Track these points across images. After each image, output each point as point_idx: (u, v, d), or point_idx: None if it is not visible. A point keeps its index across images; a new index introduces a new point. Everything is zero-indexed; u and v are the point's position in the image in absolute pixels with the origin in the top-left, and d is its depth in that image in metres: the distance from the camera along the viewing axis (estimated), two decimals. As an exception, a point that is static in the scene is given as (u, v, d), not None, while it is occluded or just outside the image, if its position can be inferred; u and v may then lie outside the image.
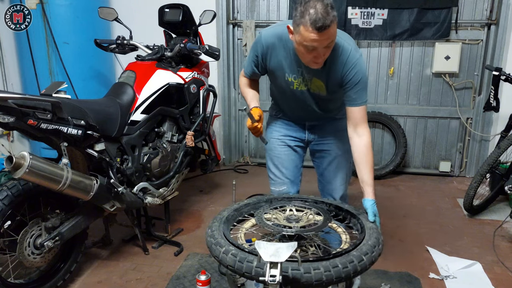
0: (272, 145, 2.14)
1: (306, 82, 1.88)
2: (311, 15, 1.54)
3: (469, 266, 2.47)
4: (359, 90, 1.81)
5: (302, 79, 1.88)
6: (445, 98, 4.07)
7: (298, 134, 2.14)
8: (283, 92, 1.99)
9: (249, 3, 4.22)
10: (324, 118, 2.08)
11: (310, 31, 1.56)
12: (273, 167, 2.16)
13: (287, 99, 2.03)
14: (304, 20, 1.55)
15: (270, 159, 2.17)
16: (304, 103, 1.99)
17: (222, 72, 4.27)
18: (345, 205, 1.80)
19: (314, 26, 1.54)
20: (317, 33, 1.56)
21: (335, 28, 1.60)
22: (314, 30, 1.55)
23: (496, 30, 3.78)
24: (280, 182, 2.14)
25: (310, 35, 1.57)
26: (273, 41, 1.83)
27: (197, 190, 3.75)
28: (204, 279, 2.04)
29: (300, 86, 1.91)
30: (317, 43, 1.60)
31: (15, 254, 1.98)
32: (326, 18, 1.53)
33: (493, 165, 3.00)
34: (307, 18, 1.55)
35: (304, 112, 2.05)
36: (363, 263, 1.33)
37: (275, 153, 2.14)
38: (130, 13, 3.48)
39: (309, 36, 1.58)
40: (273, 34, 1.83)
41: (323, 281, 1.25)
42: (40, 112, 1.82)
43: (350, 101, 1.83)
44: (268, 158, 2.18)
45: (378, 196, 3.81)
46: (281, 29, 1.80)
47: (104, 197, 2.19)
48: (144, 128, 2.52)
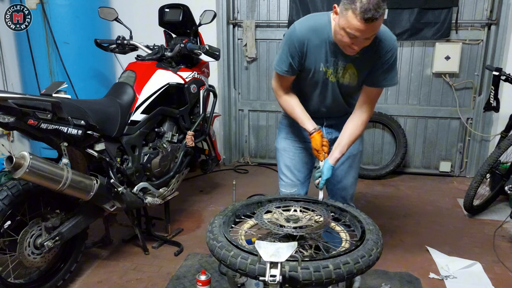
0: (288, 146, 2.11)
1: (338, 72, 1.85)
2: (363, 4, 1.51)
3: (469, 266, 2.47)
4: (389, 71, 1.82)
5: (334, 69, 1.84)
6: (445, 98, 4.07)
7: None
8: (312, 85, 1.93)
9: (249, 3, 4.22)
10: (342, 116, 2.04)
11: (358, 19, 1.53)
12: (285, 169, 2.12)
13: (313, 93, 1.97)
14: (355, 6, 1.52)
15: (283, 161, 2.12)
16: (329, 98, 1.95)
17: (222, 72, 4.27)
18: (341, 204, 1.80)
19: (363, 16, 1.52)
20: (363, 23, 1.53)
21: (381, 21, 1.59)
22: (362, 20, 1.53)
23: (496, 30, 3.77)
24: (292, 184, 2.11)
25: (356, 23, 1.55)
26: (307, 34, 1.78)
27: (197, 190, 3.75)
28: (204, 279, 2.04)
29: (331, 77, 1.87)
30: (360, 33, 1.58)
31: (15, 254, 1.98)
32: (377, 10, 1.51)
33: (493, 165, 3.00)
34: (358, 5, 1.52)
35: (327, 107, 2.01)
36: (360, 264, 1.33)
37: (289, 155, 2.10)
38: (130, 13, 3.48)
39: (355, 25, 1.55)
40: (307, 27, 1.78)
41: (323, 281, 1.25)
42: (40, 112, 1.82)
43: (374, 82, 1.85)
44: (281, 160, 2.13)
45: (378, 196, 3.82)
46: (313, 22, 1.78)
47: (104, 197, 2.19)
48: (144, 128, 2.52)
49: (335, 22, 1.67)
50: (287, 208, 1.72)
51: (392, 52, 1.78)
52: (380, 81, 1.84)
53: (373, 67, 1.82)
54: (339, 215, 1.75)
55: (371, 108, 1.91)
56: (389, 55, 1.78)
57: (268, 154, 4.55)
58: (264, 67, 4.33)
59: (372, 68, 1.82)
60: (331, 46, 1.78)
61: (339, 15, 1.61)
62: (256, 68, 4.37)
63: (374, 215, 3.01)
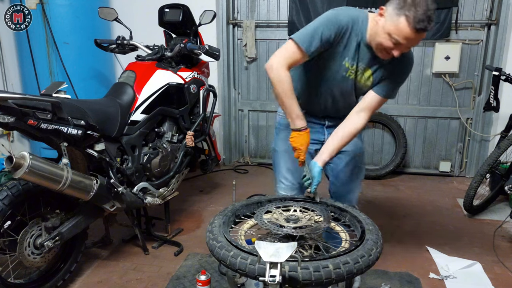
0: (289, 148, 1.87)
1: (358, 72, 1.82)
2: (419, 13, 1.49)
3: (469, 266, 2.48)
4: (396, 83, 1.83)
5: (356, 68, 1.80)
6: (445, 98, 4.07)
7: (317, 136, 2.03)
8: (328, 77, 1.84)
9: (249, 3, 4.22)
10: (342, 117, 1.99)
11: (410, 28, 1.52)
12: (286, 172, 2.03)
13: (325, 87, 1.88)
14: (409, 13, 1.50)
15: (284, 163, 2.03)
16: (339, 95, 1.90)
17: (222, 72, 4.27)
18: (341, 204, 1.79)
19: (415, 26, 1.51)
20: (415, 33, 1.53)
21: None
22: (413, 29, 1.52)
23: (496, 30, 3.77)
24: (292, 187, 2.03)
25: (407, 31, 1.53)
26: (347, 22, 1.70)
27: (197, 190, 3.75)
28: (204, 279, 2.04)
29: (351, 74, 1.82)
30: (407, 41, 1.57)
31: (15, 254, 1.98)
32: (429, 22, 1.51)
33: (493, 165, 3.00)
34: (413, 13, 1.50)
35: (334, 105, 1.95)
36: (359, 264, 1.33)
37: (292, 157, 1.87)
38: (130, 13, 3.48)
39: (405, 32, 1.54)
40: (349, 16, 1.71)
41: (322, 281, 1.25)
42: (40, 112, 1.82)
43: (379, 89, 1.82)
44: (282, 162, 2.03)
45: (378, 196, 3.81)
46: (356, 14, 1.72)
47: (104, 197, 2.19)
48: (144, 128, 2.52)
49: (378, 24, 1.64)
50: (287, 208, 1.72)
51: (410, 69, 1.83)
52: (388, 91, 1.83)
53: (388, 77, 1.81)
54: (339, 215, 1.75)
55: (368, 117, 1.86)
56: (406, 69, 1.82)
57: (268, 154, 4.55)
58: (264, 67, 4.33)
59: (386, 78, 1.82)
60: (361, 45, 1.74)
61: (387, 18, 1.59)
62: (256, 68, 4.37)
63: (374, 215, 3.00)
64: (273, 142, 2.15)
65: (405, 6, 1.52)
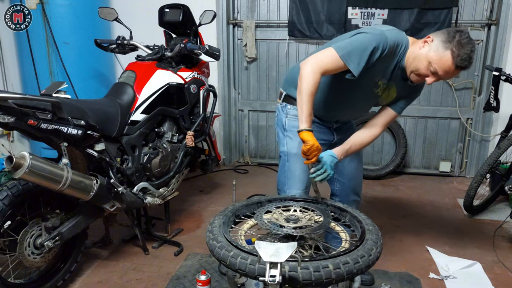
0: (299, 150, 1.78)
1: (385, 88, 1.90)
2: (465, 53, 1.63)
3: (469, 266, 2.47)
4: (410, 101, 1.98)
5: (384, 85, 1.89)
6: (445, 98, 4.07)
7: (326, 136, 2.06)
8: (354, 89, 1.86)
9: (249, 3, 4.22)
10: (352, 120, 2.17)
11: (452, 63, 1.64)
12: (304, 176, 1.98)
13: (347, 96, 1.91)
14: (456, 50, 1.63)
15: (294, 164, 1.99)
16: (360, 104, 2.02)
17: (222, 72, 4.27)
18: (341, 204, 1.80)
19: (457, 63, 1.64)
20: (454, 69, 1.66)
21: None
22: (454, 65, 1.65)
23: (496, 30, 3.77)
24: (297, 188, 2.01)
25: (449, 66, 1.65)
26: (393, 45, 1.75)
27: (197, 190, 3.75)
28: (204, 279, 2.04)
29: (378, 91, 1.91)
30: (444, 74, 1.68)
31: (15, 254, 1.98)
32: (470, 63, 1.67)
33: (493, 165, 3.00)
34: (459, 52, 1.63)
35: (348, 112, 2.06)
36: (359, 264, 1.33)
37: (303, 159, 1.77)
38: (130, 13, 3.48)
39: (446, 67, 1.66)
40: (394, 39, 1.75)
41: (322, 281, 1.25)
42: (40, 112, 1.82)
43: (397, 107, 1.96)
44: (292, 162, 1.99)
45: (378, 196, 3.81)
46: (401, 37, 1.79)
47: (104, 197, 2.19)
48: (144, 128, 2.52)
49: (420, 50, 1.72)
50: (287, 208, 1.72)
51: (422, 89, 1.99)
52: (402, 107, 1.97)
53: (406, 95, 1.93)
54: (339, 215, 1.75)
55: (383, 128, 1.99)
56: (420, 90, 1.98)
57: (268, 154, 4.55)
58: (264, 67, 4.34)
59: (404, 97, 1.94)
60: (396, 67, 1.82)
61: (432, 47, 1.68)
62: (256, 68, 4.36)
63: (374, 215, 3.01)
64: (284, 145, 2.05)
65: (453, 42, 1.64)
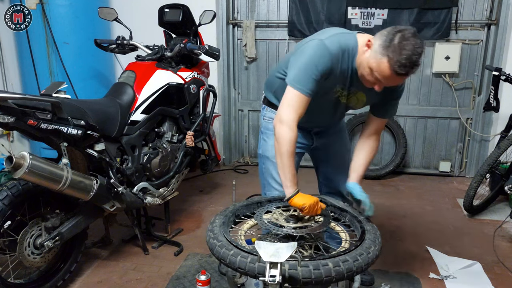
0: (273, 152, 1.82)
1: (349, 94, 1.81)
2: (401, 58, 1.43)
3: (469, 266, 2.48)
4: (395, 104, 1.88)
5: (347, 92, 1.79)
6: (445, 98, 4.07)
7: (304, 140, 2.05)
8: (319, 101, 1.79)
9: (249, 3, 4.22)
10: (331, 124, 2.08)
11: (390, 70, 1.47)
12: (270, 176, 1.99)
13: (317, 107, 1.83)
14: (393, 56, 1.44)
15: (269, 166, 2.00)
16: (328, 112, 1.92)
17: (222, 72, 4.27)
18: (341, 204, 1.80)
19: (397, 70, 1.46)
20: (395, 76, 1.48)
21: None
22: (394, 72, 1.47)
23: (496, 30, 3.77)
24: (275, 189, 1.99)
25: (388, 73, 1.49)
26: (337, 52, 1.63)
27: (197, 190, 3.75)
28: (204, 279, 2.04)
29: (342, 98, 1.82)
30: (386, 81, 1.54)
31: (15, 254, 1.98)
32: (412, 68, 1.45)
33: (493, 165, 3.00)
34: (397, 58, 1.44)
35: (321, 119, 1.98)
36: (359, 262, 1.33)
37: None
38: (130, 13, 3.48)
39: (385, 74, 1.50)
40: (338, 45, 1.63)
41: (322, 279, 1.26)
42: (40, 112, 1.82)
43: (382, 112, 1.88)
44: (273, 168, 1.95)
45: (378, 196, 3.80)
46: (345, 41, 1.64)
47: (104, 197, 2.19)
48: (144, 128, 2.52)
49: (364, 55, 1.58)
50: (287, 208, 1.72)
51: (403, 88, 1.82)
52: (388, 112, 1.91)
53: (383, 99, 1.82)
54: (339, 215, 1.75)
55: (379, 136, 1.95)
56: (400, 89, 1.80)
57: (268, 154, 4.55)
58: (264, 67, 4.34)
59: (382, 100, 1.83)
60: (353, 72, 1.69)
61: (371, 53, 1.53)
62: (256, 68, 4.37)
63: (374, 215, 3.01)
64: (260, 148, 2.06)
65: (390, 47, 1.45)
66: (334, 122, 2.07)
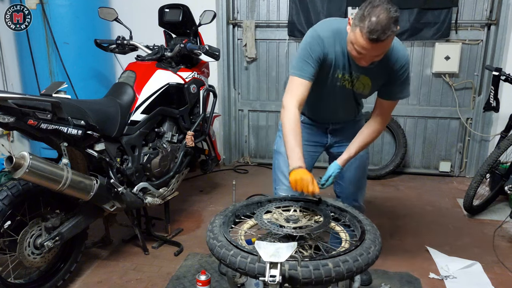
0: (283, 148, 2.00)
1: (353, 79, 1.84)
2: (371, 24, 1.49)
3: (469, 266, 2.48)
4: (402, 86, 1.84)
5: (349, 76, 1.83)
6: (445, 98, 4.07)
7: (319, 139, 2.10)
8: (321, 90, 1.89)
9: (249, 3, 4.22)
10: (349, 121, 2.08)
11: (364, 38, 1.53)
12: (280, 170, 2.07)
13: (322, 98, 1.94)
14: (363, 24, 1.51)
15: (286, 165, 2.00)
16: (339, 103, 1.95)
17: (222, 72, 4.27)
18: (341, 204, 1.80)
19: (368, 37, 1.51)
20: (369, 43, 1.53)
21: (390, 42, 1.58)
22: (367, 40, 1.52)
23: (496, 30, 3.77)
24: (283, 183, 2.07)
25: (362, 41, 1.54)
26: (329, 35, 1.74)
27: (197, 190, 3.75)
28: (204, 279, 2.04)
29: (346, 83, 1.86)
30: (365, 51, 1.58)
31: (15, 254, 1.98)
32: (384, 32, 1.49)
33: (493, 165, 3.00)
34: (366, 24, 1.50)
35: (334, 112, 2.01)
36: (359, 262, 1.33)
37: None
38: (130, 13, 3.48)
39: (361, 42, 1.55)
40: (329, 29, 1.75)
41: (322, 279, 1.26)
42: (40, 112, 1.82)
43: (387, 94, 1.86)
44: (283, 164, 2.02)
45: (378, 196, 3.81)
46: (337, 25, 1.75)
47: (104, 197, 2.19)
48: (144, 128, 2.52)
49: (348, 33, 1.65)
50: (287, 208, 1.72)
51: (406, 68, 1.80)
52: (394, 94, 1.87)
53: (387, 80, 1.83)
54: (339, 215, 1.75)
55: (385, 119, 1.94)
56: (402, 70, 1.79)
57: (268, 154, 4.55)
58: (264, 67, 4.34)
59: (386, 82, 1.83)
60: (348, 55, 1.76)
61: (351, 28, 1.60)
62: (256, 68, 4.36)
63: (374, 215, 3.01)
64: (275, 144, 2.16)
65: (362, 17, 1.53)
66: (348, 117, 2.07)
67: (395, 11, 1.52)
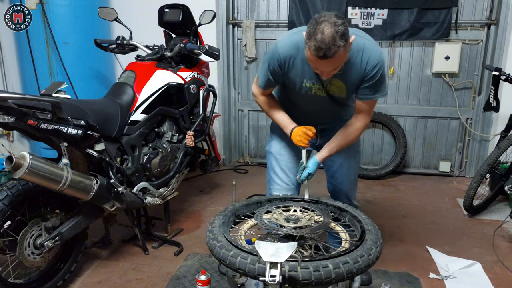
0: (282, 150, 2.11)
1: (326, 86, 1.85)
2: (316, 42, 1.50)
3: (469, 266, 2.48)
4: (376, 86, 1.80)
5: (321, 84, 1.84)
6: (445, 98, 4.07)
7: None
8: (298, 97, 1.95)
9: (249, 3, 4.22)
10: (335, 120, 2.07)
11: (313, 56, 1.54)
12: (280, 173, 2.10)
13: (301, 104, 2.00)
14: (310, 43, 1.53)
15: (277, 164, 2.11)
16: (320, 107, 1.97)
17: (222, 72, 4.27)
18: (341, 204, 1.80)
19: (316, 54, 1.52)
20: (319, 60, 1.55)
21: (342, 56, 1.56)
22: (316, 57, 1.54)
23: (496, 30, 3.77)
24: (286, 188, 2.10)
25: (313, 59, 1.57)
26: (290, 52, 1.77)
27: (197, 190, 3.75)
28: (204, 279, 2.04)
29: (319, 91, 1.87)
30: (320, 67, 1.61)
31: (15, 254, 1.98)
32: (330, 48, 1.49)
33: (493, 165, 3.00)
34: (312, 43, 1.52)
35: (318, 116, 2.03)
36: (359, 264, 1.33)
37: (285, 158, 2.10)
38: (130, 13, 3.48)
39: (312, 60, 1.59)
40: (290, 45, 1.77)
41: (322, 280, 1.26)
42: (40, 112, 1.82)
43: (364, 95, 1.84)
44: (275, 163, 2.12)
45: (378, 196, 3.81)
46: (298, 38, 1.74)
47: (104, 197, 2.19)
48: (144, 128, 2.52)
49: None
50: (287, 208, 1.72)
51: (378, 67, 1.75)
52: (370, 94, 1.83)
53: (361, 81, 1.80)
54: (339, 215, 1.75)
55: (367, 117, 1.92)
56: (375, 70, 1.75)
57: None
58: (264, 67, 4.33)
59: (360, 82, 1.81)
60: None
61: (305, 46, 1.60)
62: (255, 68, 4.36)
63: (374, 215, 3.01)
64: (267, 145, 2.21)
65: (309, 35, 1.54)
66: (333, 118, 2.07)
67: (342, 24, 1.52)
